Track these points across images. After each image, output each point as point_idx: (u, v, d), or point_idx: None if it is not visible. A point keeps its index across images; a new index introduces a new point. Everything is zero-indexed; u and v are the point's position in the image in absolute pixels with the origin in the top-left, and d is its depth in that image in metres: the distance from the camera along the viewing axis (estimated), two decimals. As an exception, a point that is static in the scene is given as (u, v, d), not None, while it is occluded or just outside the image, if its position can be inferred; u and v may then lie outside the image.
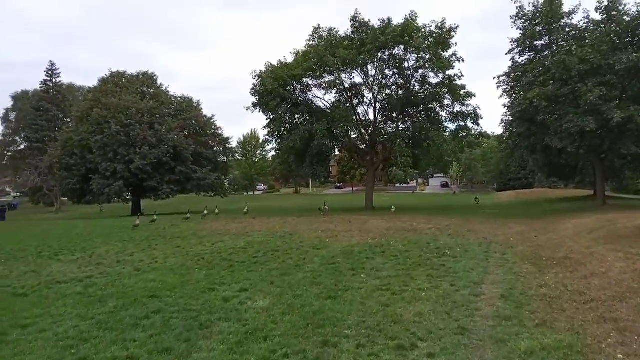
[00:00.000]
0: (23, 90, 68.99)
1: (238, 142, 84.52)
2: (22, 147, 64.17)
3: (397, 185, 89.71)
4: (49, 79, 62.06)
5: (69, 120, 56.71)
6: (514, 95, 28.83)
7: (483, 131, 37.12)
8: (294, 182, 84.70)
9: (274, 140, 35.65)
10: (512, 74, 29.14)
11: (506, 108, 30.94)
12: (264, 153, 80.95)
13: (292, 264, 11.22)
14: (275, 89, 31.97)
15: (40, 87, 62.22)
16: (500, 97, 31.13)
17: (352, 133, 38.70)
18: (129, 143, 36.50)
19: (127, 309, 7.51)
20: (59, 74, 62.97)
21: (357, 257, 12.06)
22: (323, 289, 8.61)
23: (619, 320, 6.31)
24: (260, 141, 39.21)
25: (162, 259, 12.66)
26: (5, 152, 68.94)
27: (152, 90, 42.36)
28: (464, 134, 35.17)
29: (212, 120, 43.09)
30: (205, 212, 27.45)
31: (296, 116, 34.97)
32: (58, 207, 56.21)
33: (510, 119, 30.71)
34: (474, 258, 11.87)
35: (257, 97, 34.06)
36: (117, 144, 36.11)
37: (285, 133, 34.81)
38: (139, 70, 44.25)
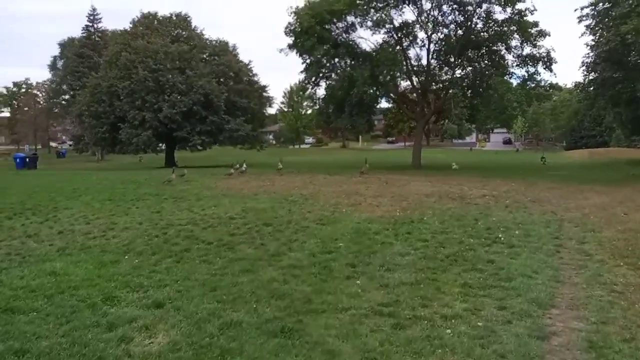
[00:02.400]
0: (69, 37, 68.25)
1: (285, 92, 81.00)
2: (68, 96, 63.90)
3: (453, 140, 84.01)
4: (90, 24, 60.86)
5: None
6: (601, 31, 23.31)
7: (554, 82, 31.98)
8: (342, 136, 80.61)
9: (310, 87, 31.98)
10: (600, 4, 23.47)
11: (589, 47, 25.47)
12: (311, 104, 76.98)
13: (272, 251, 7.89)
14: (312, 27, 28.02)
15: (82, 34, 61.10)
16: (582, 35, 25.65)
17: (401, 80, 34.30)
18: (158, 90, 34.03)
19: None
20: (100, 19, 61.55)
21: (369, 242, 8.58)
22: (283, 310, 5.25)
23: None
24: (307, 92, 35.79)
25: (118, 230, 9.75)
26: (55, 101, 69.26)
27: (185, 33, 39.31)
28: (533, 84, 30.13)
29: (248, 67, 39.76)
30: (244, 167, 23.99)
31: (335, 59, 30.93)
32: (99, 156, 55.73)
33: (594, 61, 25.22)
34: (539, 249, 8.12)
35: (292, 37, 30.28)
36: (145, 90, 33.75)
37: (323, 79, 31.07)
38: (172, 12, 41.31)
